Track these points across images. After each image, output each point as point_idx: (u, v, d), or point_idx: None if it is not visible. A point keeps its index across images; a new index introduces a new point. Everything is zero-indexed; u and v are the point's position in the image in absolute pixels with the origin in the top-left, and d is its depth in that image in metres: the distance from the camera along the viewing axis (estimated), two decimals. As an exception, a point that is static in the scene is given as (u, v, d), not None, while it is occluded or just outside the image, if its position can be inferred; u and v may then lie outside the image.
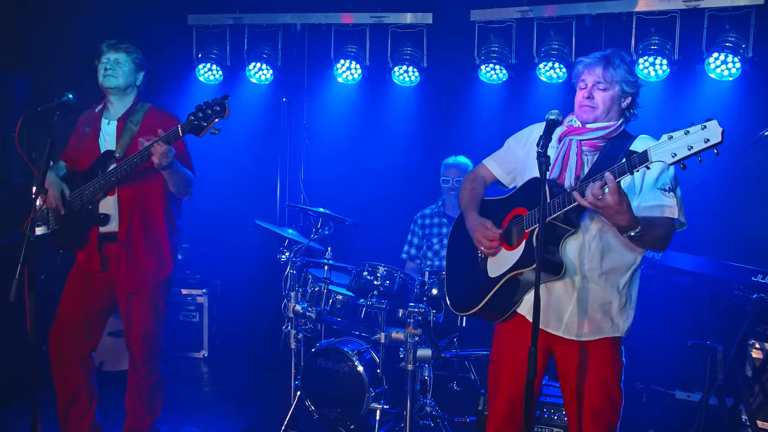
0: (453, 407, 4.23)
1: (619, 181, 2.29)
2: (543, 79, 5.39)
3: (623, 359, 2.70)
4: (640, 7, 5.02)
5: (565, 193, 2.48)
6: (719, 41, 4.81)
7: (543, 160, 2.33)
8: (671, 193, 2.52)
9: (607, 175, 2.29)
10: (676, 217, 2.52)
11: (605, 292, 2.62)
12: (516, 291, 2.66)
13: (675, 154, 2.16)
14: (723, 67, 4.87)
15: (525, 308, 2.69)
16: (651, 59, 5.00)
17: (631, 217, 2.33)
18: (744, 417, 4.02)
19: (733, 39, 4.77)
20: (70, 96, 3.11)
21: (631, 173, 2.27)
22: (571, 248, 2.59)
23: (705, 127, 2.12)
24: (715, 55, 4.86)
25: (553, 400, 3.47)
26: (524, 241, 2.61)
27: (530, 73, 5.45)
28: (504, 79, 5.52)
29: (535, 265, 2.35)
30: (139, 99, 3.58)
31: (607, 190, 2.28)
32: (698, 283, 4.11)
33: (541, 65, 5.32)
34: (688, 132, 2.15)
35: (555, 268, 2.53)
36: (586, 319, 2.62)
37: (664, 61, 4.96)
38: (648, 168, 2.26)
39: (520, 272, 2.59)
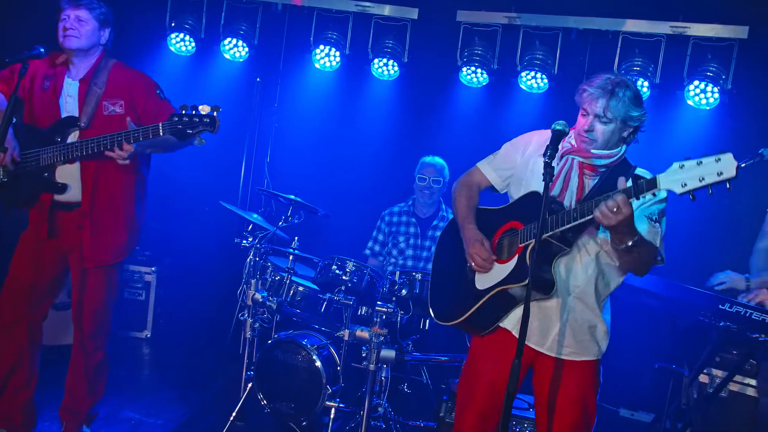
0: (403, 409, 4.15)
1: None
2: (523, 87, 5.37)
3: (600, 379, 2.67)
4: (628, 27, 5.05)
5: (564, 211, 2.42)
6: (701, 69, 4.89)
7: (548, 170, 2.27)
8: (657, 224, 2.49)
9: (621, 182, 2.23)
10: (657, 245, 2.49)
11: (594, 314, 2.61)
12: (503, 305, 2.59)
13: (685, 184, 2.09)
14: (702, 95, 4.94)
15: (510, 323, 2.62)
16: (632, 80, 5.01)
17: (634, 226, 2.30)
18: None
19: (714, 69, 4.84)
20: (42, 50, 2.93)
21: (637, 198, 2.20)
22: (565, 268, 2.55)
23: (719, 159, 2.05)
24: (696, 83, 4.92)
25: (518, 413, 3.45)
26: (517, 256, 2.53)
27: (511, 80, 5.42)
28: (484, 84, 5.47)
29: (525, 282, 2.31)
30: (103, 56, 3.27)
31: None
32: (661, 306, 4.13)
33: (523, 74, 5.29)
34: (701, 162, 2.07)
35: (546, 287, 2.47)
36: (573, 339, 2.59)
37: (645, 83, 4.98)
38: (654, 195, 2.21)
39: (508, 287, 2.52)
